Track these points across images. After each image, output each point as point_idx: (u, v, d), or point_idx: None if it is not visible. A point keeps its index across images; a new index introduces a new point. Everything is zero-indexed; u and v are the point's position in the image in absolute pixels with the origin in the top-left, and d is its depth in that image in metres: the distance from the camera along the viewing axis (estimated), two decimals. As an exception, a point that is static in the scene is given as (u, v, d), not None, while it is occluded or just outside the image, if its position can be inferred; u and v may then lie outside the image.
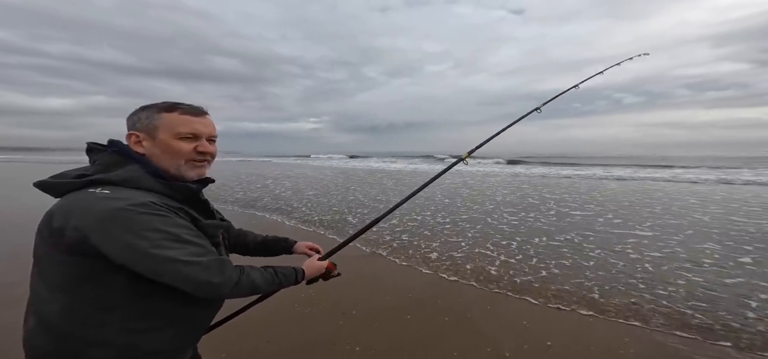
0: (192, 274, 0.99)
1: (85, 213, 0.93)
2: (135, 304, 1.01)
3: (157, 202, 1.01)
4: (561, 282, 4.27)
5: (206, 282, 1.01)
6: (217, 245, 1.18)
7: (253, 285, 1.16)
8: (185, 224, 1.06)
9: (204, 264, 1.01)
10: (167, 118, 1.10)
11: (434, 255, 5.36)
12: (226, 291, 1.07)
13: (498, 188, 13.87)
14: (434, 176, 2.04)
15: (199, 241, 1.06)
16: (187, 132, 1.11)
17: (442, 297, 3.86)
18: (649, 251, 5.49)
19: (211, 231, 1.16)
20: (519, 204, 9.97)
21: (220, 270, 1.04)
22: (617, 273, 4.58)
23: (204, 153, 1.16)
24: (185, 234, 1.02)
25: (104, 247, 0.93)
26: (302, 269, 1.41)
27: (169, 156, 1.10)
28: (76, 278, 0.97)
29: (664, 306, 3.63)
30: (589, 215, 8.34)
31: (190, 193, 1.12)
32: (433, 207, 9.23)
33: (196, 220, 1.12)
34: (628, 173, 21.04)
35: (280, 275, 1.28)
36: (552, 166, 29.60)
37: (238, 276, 1.10)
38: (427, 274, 4.61)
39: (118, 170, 1.04)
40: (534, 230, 6.87)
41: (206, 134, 1.16)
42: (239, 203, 10.45)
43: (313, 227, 7.33)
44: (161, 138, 1.09)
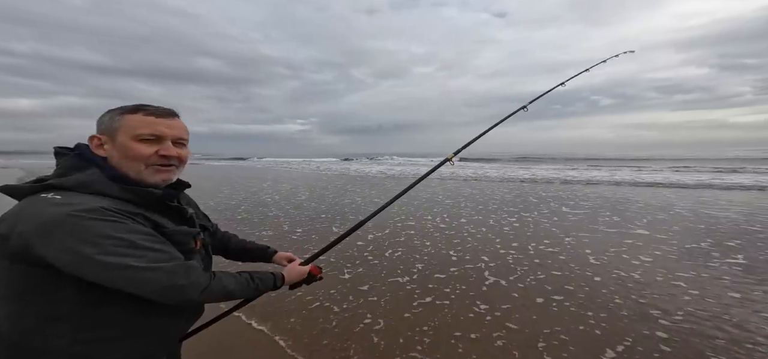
0: (151, 280, 0.95)
1: (30, 219, 0.90)
2: (87, 314, 0.96)
3: (110, 207, 0.96)
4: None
5: (169, 286, 0.97)
6: (188, 252, 1.13)
7: (225, 290, 1.12)
8: (143, 230, 0.99)
9: (162, 270, 0.96)
10: (129, 119, 1.05)
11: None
12: (194, 295, 1.02)
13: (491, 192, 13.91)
14: (422, 176, 2.02)
15: (159, 247, 1.00)
16: (148, 134, 1.06)
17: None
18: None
19: (179, 238, 1.10)
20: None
21: (185, 274, 1.00)
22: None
23: (168, 157, 1.10)
24: (141, 240, 0.96)
25: (49, 254, 0.88)
26: (282, 274, 1.40)
27: (129, 159, 1.05)
28: (22, 286, 0.92)
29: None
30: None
31: (151, 198, 1.06)
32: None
33: (159, 226, 1.06)
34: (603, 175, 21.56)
35: (256, 279, 1.25)
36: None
37: (207, 282, 1.06)
38: None
39: (76, 174, 1.00)
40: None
41: (172, 136, 1.11)
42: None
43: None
44: (120, 140, 1.04)
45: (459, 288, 4.24)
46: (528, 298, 3.94)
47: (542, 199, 11.38)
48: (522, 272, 4.74)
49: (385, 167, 35.87)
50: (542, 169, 26.01)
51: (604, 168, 25.77)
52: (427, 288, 4.23)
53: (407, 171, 26.51)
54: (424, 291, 4.12)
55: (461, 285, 4.33)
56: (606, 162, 35.26)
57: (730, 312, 3.58)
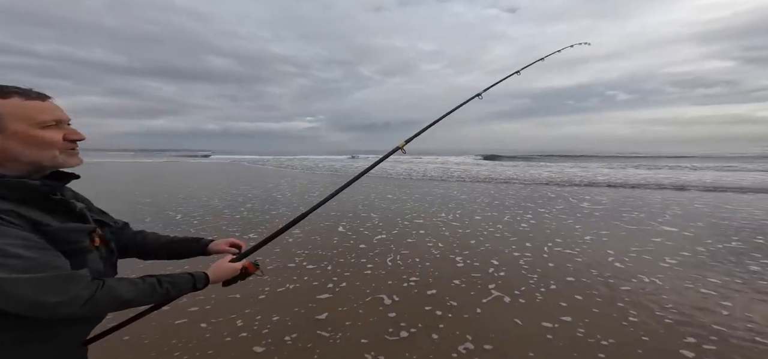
0: (14, 294, 0.82)
1: None
2: None
3: None
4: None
5: (36, 302, 0.84)
6: (81, 252, 1.01)
7: (117, 300, 0.99)
8: (16, 232, 0.86)
9: (32, 281, 0.83)
10: (11, 105, 0.92)
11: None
12: (72, 310, 0.90)
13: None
14: (373, 164, 2.01)
15: (32, 253, 0.86)
16: (50, 119, 0.97)
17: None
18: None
19: (66, 237, 0.97)
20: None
21: (59, 287, 0.87)
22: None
23: (76, 140, 1.04)
24: (8, 245, 0.83)
25: None
26: (204, 274, 1.29)
27: (38, 148, 0.95)
28: None
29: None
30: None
31: (26, 190, 0.92)
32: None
33: (40, 224, 0.92)
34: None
35: (165, 284, 1.12)
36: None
37: (90, 293, 0.93)
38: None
39: None
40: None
41: (65, 119, 1.03)
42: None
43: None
44: (17, 129, 0.92)
45: (452, 306, 3.93)
46: (532, 322, 3.62)
47: (542, 201, 10.95)
48: (532, 282, 4.41)
49: (388, 165, 35.44)
50: (549, 168, 25.53)
51: (620, 165, 25.18)
52: (412, 313, 3.51)
53: (413, 169, 26.15)
54: (409, 318, 3.40)
55: (456, 300, 4.02)
56: (630, 160, 34.64)
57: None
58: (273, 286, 4.09)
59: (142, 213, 8.47)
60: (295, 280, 4.30)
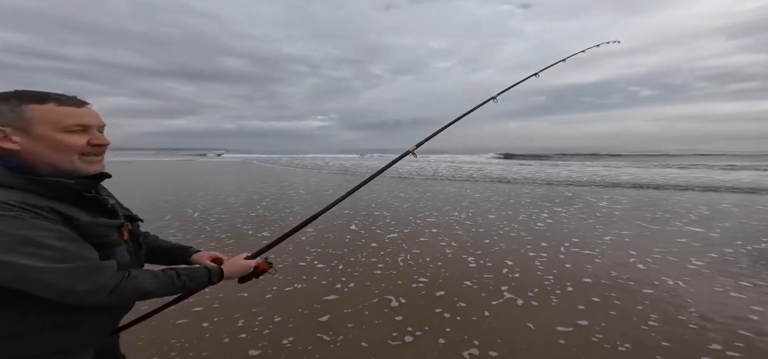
0: (49, 282, 0.90)
1: None
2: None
3: (12, 202, 0.90)
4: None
5: (68, 290, 0.93)
6: (110, 246, 1.09)
7: (140, 291, 1.07)
8: (50, 225, 0.93)
9: (61, 270, 0.91)
10: (43, 110, 0.99)
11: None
12: (101, 297, 0.98)
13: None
14: (385, 167, 1.99)
15: (65, 245, 0.94)
16: (75, 124, 1.02)
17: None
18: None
19: (96, 231, 1.05)
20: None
21: (87, 276, 0.95)
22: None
23: (100, 146, 1.09)
24: (44, 237, 0.91)
25: None
26: (219, 269, 1.34)
27: (58, 152, 1.00)
28: None
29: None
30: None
31: (62, 189, 1.00)
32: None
33: (72, 220, 1.00)
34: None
35: (183, 277, 1.20)
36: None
37: (116, 283, 1.01)
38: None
39: None
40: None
41: (96, 124, 1.09)
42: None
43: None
44: (42, 133, 0.98)
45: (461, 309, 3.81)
46: (547, 327, 3.47)
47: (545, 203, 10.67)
48: (548, 284, 4.26)
49: (399, 164, 35.36)
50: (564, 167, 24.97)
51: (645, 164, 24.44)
52: (419, 316, 3.40)
53: (425, 168, 25.91)
54: (415, 321, 3.27)
55: (465, 301, 3.90)
56: (655, 158, 33.77)
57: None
58: (281, 285, 4.06)
59: (162, 210, 8.60)
60: (304, 279, 4.26)
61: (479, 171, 20.15)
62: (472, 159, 35.92)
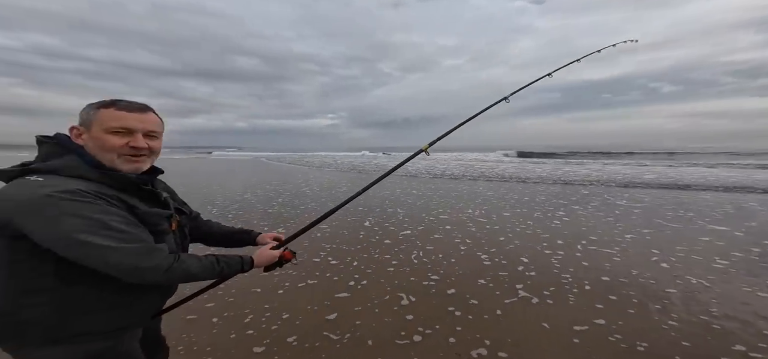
0: (114, 259, 1.03)
1: (13, 198, 1.00)
2: (65, 288, 1.07)
3: (86, 189, 1.05)
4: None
5: (131, 267, 1.06)
6: (161, 234, 1.23)
7: (187, 272, 1.20)
8: (116, 211, 1.08)
9: (127, 250, 1.05)
10: (102, 113, 1.15)
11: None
12: (157, 276, 1.11)
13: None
14: (395, 166, 2.05)
15: (129, 229, 1.09)
16: (117, 127, 1.15)
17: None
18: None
19: (151, 219, 1.20)
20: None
21: (146, 256, 1.09)
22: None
23: (138, 148, 1.19)
24: (112, 221, 1.05)
25: (27, 230, 0.99)
26: (250, 258, 1.46)
27: (101, 149, 1.15)
28: (7, 259, 1.04)
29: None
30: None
31: (126, 181, 1.17)
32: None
33: (133, 208, 1.15)
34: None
35: (222, 263, 1.32)
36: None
37: (169, 264, 1.14)
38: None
39: (55, 159, 1.11)
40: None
41: (142, 129, 1.20)
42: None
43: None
44: (94, 132, 1.14)
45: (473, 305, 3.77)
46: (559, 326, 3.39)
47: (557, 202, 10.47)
48: (565, 282, 4.17)
49: (410, 162, 34.79)
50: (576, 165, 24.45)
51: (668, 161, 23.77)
52: (430, 314, 3.35)
53: (437, 166, 25.71)
54: (426, 320, 3.22)
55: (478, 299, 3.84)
56: (678, 156, 32.91)
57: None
58: (294, 281, 4.08)
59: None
60: (317, 276, 4.27)
61: (491, 169, 19.87)
62: (483, 157, 35.51)
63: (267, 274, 1.56)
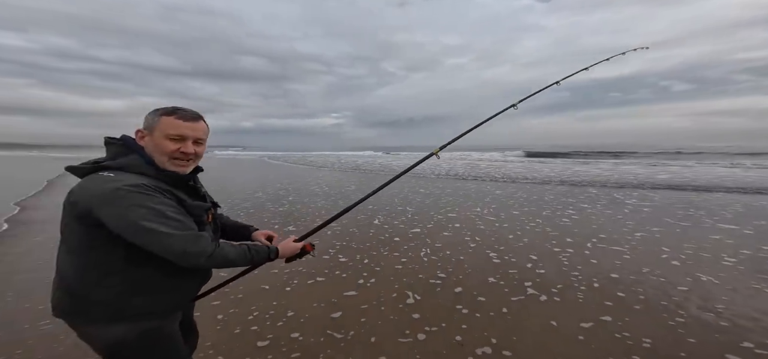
0: (171, 244, 1.19)
1: (91, 190, 1.18)
2: (131, 271, 1.25)
3: (148, 184, 1.23)
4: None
5: (183, 251, 1.21)
6: (201, 224, 1.40)
7: (226, 258, 1.35)
8: (170, 203, 1.26)
9: (180, 237, 1.21)
10: (164, 120, 1.32)
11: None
12: (201, 261, 1.26)
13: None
14: (406, 169, 2.21)
15: (181, 218, 1.26)
16: (174, 134, 1.33)
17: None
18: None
19: (196, 211, 1.37)
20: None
21: (195, 242, 1.24)
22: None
23: (186, 154, 1.36)
24: (168, 211, 1.23)
25: (103, 218, 1.15)
26: (276, 248, 1.57)
27: (157, 152, 1.33)
28: (86, 244, 1.21)
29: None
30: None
31: (177, 179, 1.36)
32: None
33: (182, 201, 1.33)
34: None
35: (252, 251, 1.45)
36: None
37: (212, 250, 1.29)
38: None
39: (122, 158, 1.29)
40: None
41: (193, 137, 1.37)
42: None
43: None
44: (155, 136, 1.32)
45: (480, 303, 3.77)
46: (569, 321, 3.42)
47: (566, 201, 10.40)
48: (574, 280, 4.21)
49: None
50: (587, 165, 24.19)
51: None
52: (436, 312, 3.36)
53: (446, 166, 25.62)
54: (432, 318, 3.24)
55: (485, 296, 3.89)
56: (691, 156, 32.46)
57: None
58: (303, 278, 4.14)
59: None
60: (326, 273, 4.33)
61: (499, 169, 19.85)
62: (489, 157, 35.25)
63: (287, 265, 1.65)
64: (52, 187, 12.31)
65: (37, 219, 7.32)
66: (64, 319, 1.30)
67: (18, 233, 6.23)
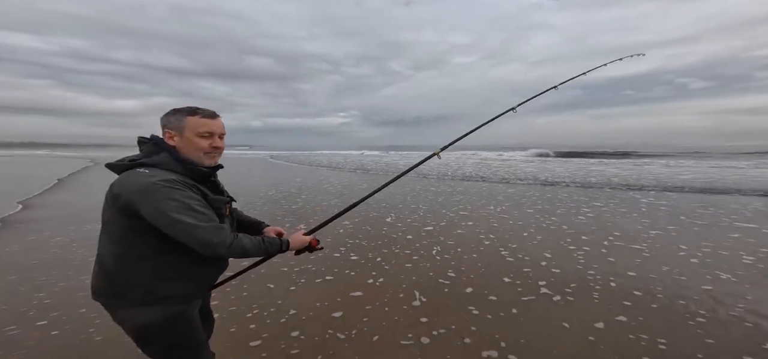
0: (197, 234, 1.32)
1: (131, 185, 1.32)
2: (160, 258, 1.39)
3: (178, 180, 1.37)
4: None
5: (207, 241, 1.34)
6: (221, 216, 1.52)
7: (243, 249, 1.47)
8: (197, 197, 1.40)
9: (205, 228, 1.34)
10: (190, 120, 1.46)
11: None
12: (222, 250, 1.38)
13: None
14: (409, 168, 2.28)
15: (206, 211, 1.40)
16: (203, 131, 1.47)
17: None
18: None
19: (216, 204, 1.50)
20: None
21: (216, 233, 1.37)
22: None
23: (217, 148, 1.52)
24: (195, 204, 1.36)
25: (142, 210, 1.29)
26: (287, 240, 1.69)
27: (192, 149, 1.46)
28: (126, 233, 1.35)
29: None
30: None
31: (202, 174, 1.50)
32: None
33: (206, 195, 1.46)
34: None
35: (266, 243, 1.58)
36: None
37: (231, 240, 1.42)
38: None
39: (155, 156, 1.42)
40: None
41: (218, 132, 1.52)
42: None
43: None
44: (186, 136, 1.45)
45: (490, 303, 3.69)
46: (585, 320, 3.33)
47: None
48: (590, 279, 4.14)
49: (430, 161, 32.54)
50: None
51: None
52: (445, 312, 3.31)
53: (457, 165, 25.36)
54: (440, 318, 3.14)
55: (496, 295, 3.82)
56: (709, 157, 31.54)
57: None
58: (312, 276, 4.10)
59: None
60: (335, 272, 4.27)
61: (509, 169, 19.61)
62: (496, 156, 34.68)
63: (296, 265, 1.70)
64: (60, 186, 12.44)
65: (34, 218, 7.25)
66: (101, 302, 1.45)
67: (7, 235, 6.02)
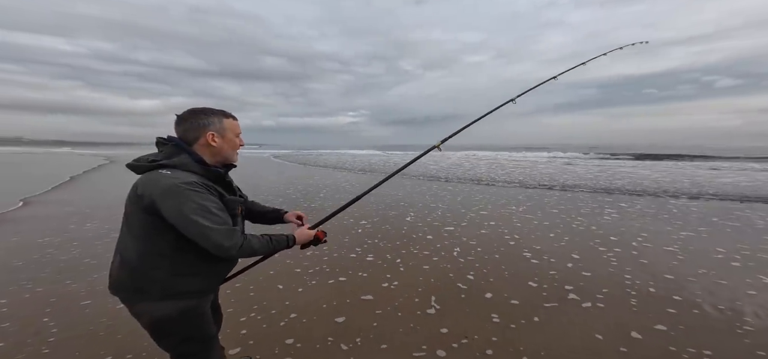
0: (211, 236, 1.37)
1: (155, 185, 1.36)
2: (178, 255, 1.44)
3: (198, 181, 1.42)
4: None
5: (219, 244, 1.39)
6: (234, 217, 1.56)
7: (252, 249, 1.53)
8: (214, 199, 1.44)
9: (219, 231, 1.39)
10: (228, 123, 1.58)
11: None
12: (233, 252, 1.44)
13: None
14: (410, 161, 2.40)
15: (220, 213, 1.44)
16: (238, 132, 1.62)
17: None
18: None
19: (231, 205, 1.54)
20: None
21: (229, 236, 1.42)
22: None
23: (241, 145, 1.66)
24: (212, 207, 1.41)
25: (163, 209, 1.34)
26: (293, 236, 1.75)
27: (232, 149, 1.59)
28: (149, 230, 1.40)
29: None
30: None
31: (219, 176, 1.55)
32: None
33: (222, 195, 1.51)
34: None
35: (274, 241, 1.63)
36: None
37: (241, 242, 1.47)
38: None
39: (175, 158, 1.46)
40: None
41: (240, 132, 1.65)
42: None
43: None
44: (228, 137, 1.57)
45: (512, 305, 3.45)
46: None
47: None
48: (622, 283, 3.88)
49: (432, 159, 24.84)
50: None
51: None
52: (463, 320, 3.00)
53: (470, 165, 24.90)
54: (458, 327, 2.88)
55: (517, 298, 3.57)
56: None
57: None
58: (324, 277, 3.96)
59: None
60: (350, 273, 4.09)
61: (525, 171, 19.30)
62: (508, 156, 34.60)
63: (309, 267, 1.67)
64: (69, 184, 12.56)
65: (29, 216, 7.10)
66: (120, 296, 1.49)
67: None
